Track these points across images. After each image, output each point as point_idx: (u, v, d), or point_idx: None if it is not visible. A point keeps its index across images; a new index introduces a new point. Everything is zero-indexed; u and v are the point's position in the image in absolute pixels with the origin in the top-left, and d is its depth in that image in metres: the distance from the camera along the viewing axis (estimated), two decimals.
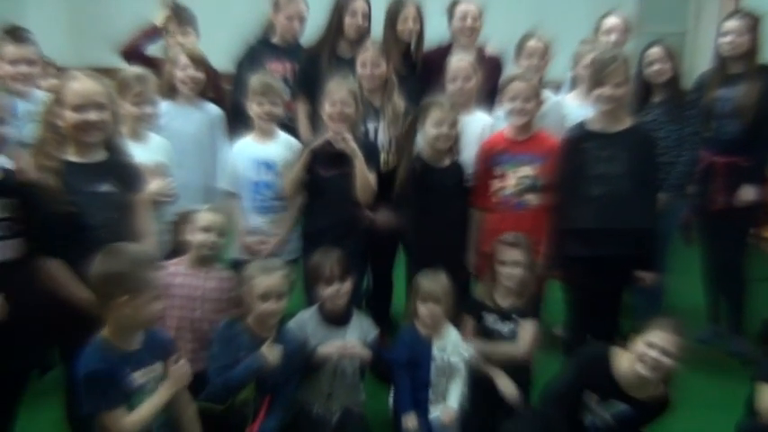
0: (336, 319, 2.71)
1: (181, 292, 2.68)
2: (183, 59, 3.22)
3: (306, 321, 2.71)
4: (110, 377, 1.98)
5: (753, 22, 3.44)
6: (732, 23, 3.45)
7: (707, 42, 5.98)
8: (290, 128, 3.30)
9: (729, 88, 3.45)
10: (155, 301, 2.04)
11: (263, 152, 3.08)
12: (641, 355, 2.34)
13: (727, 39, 3.45)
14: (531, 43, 3.48)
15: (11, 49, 2.95)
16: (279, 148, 3.10)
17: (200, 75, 3.25)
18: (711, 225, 3.64)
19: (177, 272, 2.70)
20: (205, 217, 2.72)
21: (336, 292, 2.66)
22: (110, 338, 2.02)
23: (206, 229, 2.70)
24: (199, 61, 3.25)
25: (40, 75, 3.02)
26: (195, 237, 2.70)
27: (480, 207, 3.10)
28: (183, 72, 3.21)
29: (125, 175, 2.41)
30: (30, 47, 3.01)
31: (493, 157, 3.06)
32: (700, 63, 5.02)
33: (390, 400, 2.79)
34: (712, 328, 3.80)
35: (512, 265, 2.80)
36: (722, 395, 3.14)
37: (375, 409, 2.85)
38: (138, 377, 2.06)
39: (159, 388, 2.11)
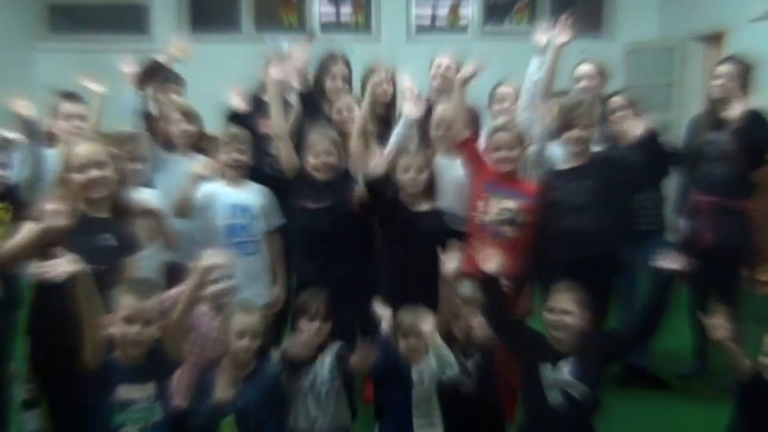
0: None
1: (198, 331, 2.75)
2: (176, 115, 3.39)
3: None
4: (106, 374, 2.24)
5: (743, 69, 3.59)
6: (724, 68, 3.62)
7: (693, 93, 6.17)
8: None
9: (718, 132, 3.58)
10: (126, 323, 2.25)
11: (238, 197, 3.20)
12: (546, 321, 2.61)
13: (719, 82, 3.61)
14: (501, 89, 3.73)
15: (66, 106, 3.37)
16: (251, 194, 3.24)
17: (192, 128, 3.43)
18: (699, 263, 3.70)
19: (201, 311, 2.75)
20: None
21: (317, 330, 2.74)
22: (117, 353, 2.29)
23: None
24: (190, 115, 3.44)
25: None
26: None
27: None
28: (177, 126, 3.38)
29: (123, 235, 2.61)
30: (82, 105, 3.41)
31: (483, 179, 3.19)
32: (686, 113, 5.16)
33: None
34: (696, 364, 3.87)
35: (464, 320, 2.81)
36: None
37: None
38: (125, 392, 2.24)
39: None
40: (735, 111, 3.52)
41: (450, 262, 2.82)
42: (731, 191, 3.57)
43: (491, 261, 2.66)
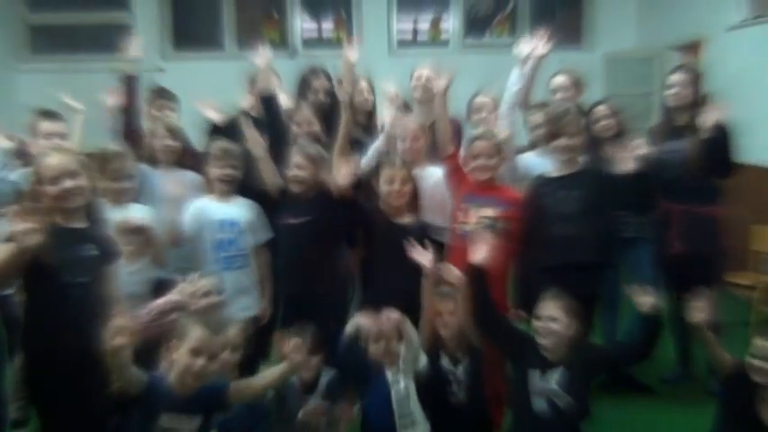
0: (307, 386, 2.81)
1: None
2: (161, 131, 3.43)
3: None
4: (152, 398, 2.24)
5: (695, 76, 3.66)
6: (677, 77, 3.67)
7: None
8: None
9: (677, 140, 3.62)
10: (193, 355, 2.29)
11: (226, 212, 3.21)
12: (534, 328, 2.64)
13: (673, 90, 3.66)
14: (478, 99, 3.78)
15: (45, 125, 3.35)
16: (239, 208, 3.25)
17: (176, 144, 3.46)
18: (672, 270, 3.74)
19: None
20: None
21: (305, 364, 2.72)
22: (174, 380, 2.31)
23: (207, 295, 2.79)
24: (174, 132, 3.47)
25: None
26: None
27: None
28: (161, 142, 3.41)
29: (103, 243, 2.58)
30: (62, 123, 3.40)
31: (464, 191, 3.21)
32: None
33: None
34: (680, 370, 3.91)
35: (448, 315, 2.83)
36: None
37: None
38: (167, 420, 2.24)
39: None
40: (704, 120, 3.49)
41: (422, 258, 2.85)
42: (700, 198, 3.61)
43: (478, 253, 2.69)
